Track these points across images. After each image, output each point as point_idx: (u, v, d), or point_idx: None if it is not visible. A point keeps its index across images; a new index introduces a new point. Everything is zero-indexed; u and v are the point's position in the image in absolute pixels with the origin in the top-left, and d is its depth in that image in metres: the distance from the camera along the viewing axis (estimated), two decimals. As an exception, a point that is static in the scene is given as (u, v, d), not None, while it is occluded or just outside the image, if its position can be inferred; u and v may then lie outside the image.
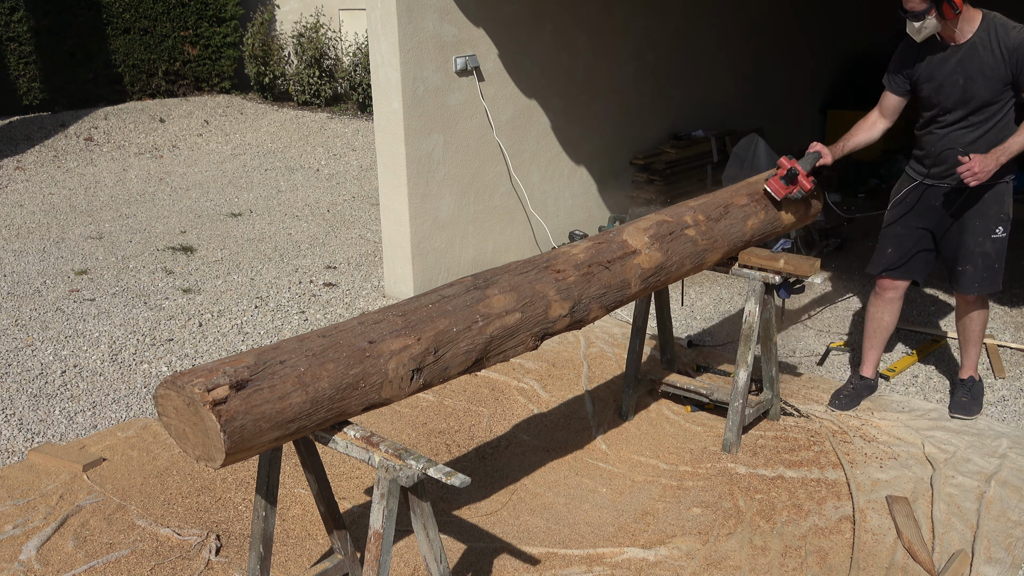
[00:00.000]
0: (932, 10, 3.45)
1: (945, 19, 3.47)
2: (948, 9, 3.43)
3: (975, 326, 3.97)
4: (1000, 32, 3.50)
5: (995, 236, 3.75)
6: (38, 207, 7.67)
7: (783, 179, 3.67)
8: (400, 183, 5.25)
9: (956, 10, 3.43)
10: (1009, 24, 3.51)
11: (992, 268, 3.80)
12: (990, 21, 3.54)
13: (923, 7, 3.45)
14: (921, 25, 3.52)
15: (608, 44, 6.41)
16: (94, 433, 3.96)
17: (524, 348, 2.80)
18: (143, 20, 11.30)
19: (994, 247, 3.78)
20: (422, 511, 2.36)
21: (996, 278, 3.82)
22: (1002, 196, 3.73)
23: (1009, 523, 3.22)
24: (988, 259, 3.78)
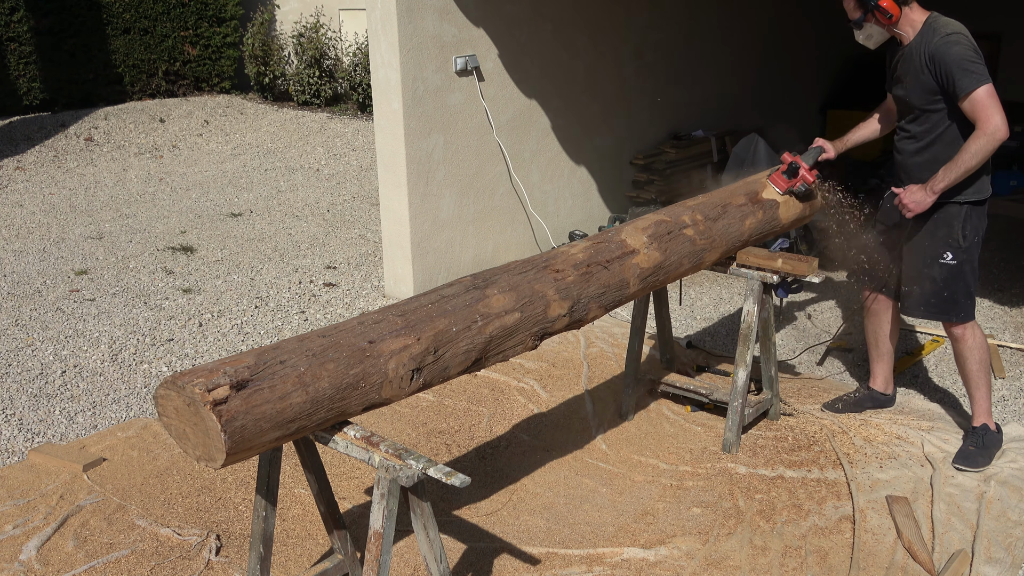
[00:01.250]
0: (869, 17, 3.39)
1: (882, 25, 3.39)
2: (880, 15, 3.35)
3: (969, 365, 3.62)
4: (927, 36, 3.32)
5: (942, 262, 3.50)
6: (38, 207, 7.67)
7: (785, 173, 3.72)
8: (400, 183, 5.25)
9: (888, 15, 3.32)
10: (940, 28, 3.31)
11: (940, 296, 3.54)
12: (928, 24, 3.36)
13: (858, 14, 3.39)
14: (865, 33, 3.46)
15: (608, 44, 6.41)
16: (94, 433, 3.96)
17: (523, 348, 2.80)
18: (143, 20, 11.31)
19: (941, 273, 3.52)
20: (422, 511, 2.36)
21: (947, 307, 3.55)
22: (951, 219, 3.47)
23: (1009, 523, 3.22)
24: (935, 285, 3.54)
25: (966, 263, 3.52)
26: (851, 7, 3.41)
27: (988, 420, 3.65)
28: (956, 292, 3.53)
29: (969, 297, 3.56)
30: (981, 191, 3.45)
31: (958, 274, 3.52)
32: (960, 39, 3.24)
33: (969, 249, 3.51)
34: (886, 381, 4.02)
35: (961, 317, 3.55)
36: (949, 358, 4.62)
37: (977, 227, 3.50)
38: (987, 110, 3.19)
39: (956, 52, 3.22)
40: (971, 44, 3.24)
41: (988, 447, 3.61)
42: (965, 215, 3.45)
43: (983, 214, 3.50)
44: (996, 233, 6.73)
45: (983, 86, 3.19)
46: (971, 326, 3.58)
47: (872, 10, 3.34)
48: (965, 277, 3.54)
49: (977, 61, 3.21)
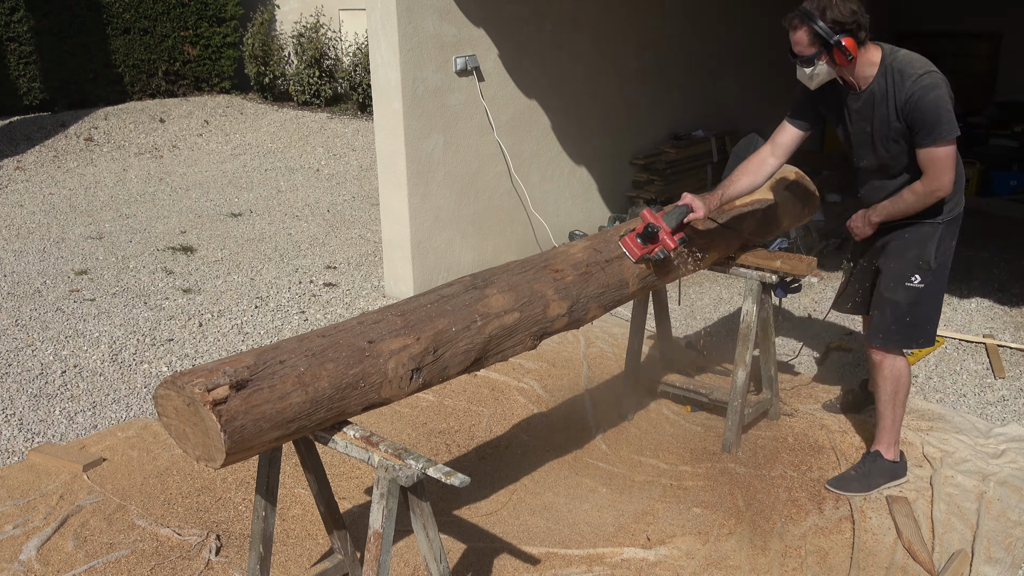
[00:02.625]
0: (823, 55, 3.04)
1: (838, 65, 3.06)
2: (839, 55, 3.01)
3: (880, 394, 3.41)
4: (896, 80, 3.04)
5: (909, 285, 3.26)
6: (38, 207, 7.67)
7: (640, 236, 3.12)
8: (400, 183, 5.25)
9: (849, 56, 3.00)
10: (907, 69, 3.03)
11: (902, 322, 3.30)
12: (888, 65, 3.06)
13: (812, 51, 3.04)
14: (812, 71, 3.10)
15: (608, 44, 6.41)
16: (94, 433, 3.96)
17: (523, 348, 2.80)
18: (143, 20, 11.30)
19: (907, 297, 3.27)
20: (422, 511, 2.36)
21: (908, 335, 3.31)
22: (924, 240, 3.23)
23: (1009, 523, 3.22)
24: (898, 310, 3.29)
25: (933, 286, 3.29)
26: (803, 42, 3.04)
27: (886, 450, 3.44)
28: (919, 317, 3.30)
29: (931, 323, 3.33)
30: (957, 207, 3.26)
31: (924, 298, 3.28)
32: (937, 80, 3.00)
33: (939, 272, 3.28)
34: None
35: (920, 343, 3.35)
36: (949, 358, 4.62)
37: (950, 247, 3.29)
38: (945, 168, 3.02)
39: (934, 98, 2.97)
40: (946, 85, 3.02)
41: (871, 475, 3.42)
42: (940, 235, 3.23)
43: (956, 232, 3.30)
44: (996, 233, 6.74)
45: (949, 145, 3.00)
46: (893, 357, 3.35)
47: (831, 48, 3.00)
48: (931, 300, 3.31)
49: (951, 111, 2.99)
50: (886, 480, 3.43)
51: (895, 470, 3.46)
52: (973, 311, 5.23)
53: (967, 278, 5.75)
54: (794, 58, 3.11)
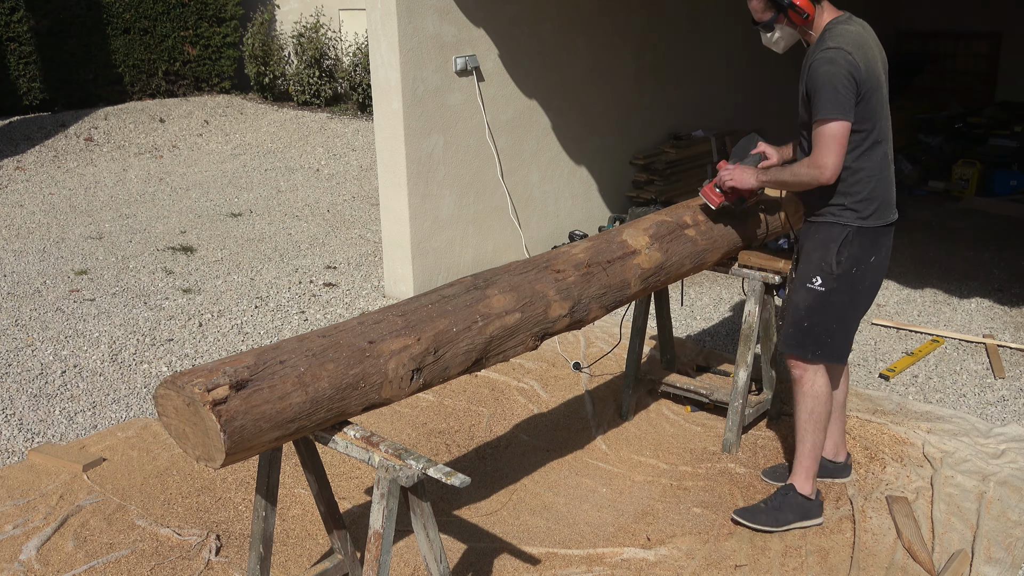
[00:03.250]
0: (781, 17, 3.02)
1: (796, 25, 3.03)
2: (795, 15, 2.98)
3: (799, 413, 3.20)
4: (816, 45, 2.97)
5: (809, 286, 3.09)
6: (38, 207, 7.67)
7: (717, 185, 3.28)
8: (400, 183, 5.25)
9: (804, 14, 2.96)
10: (827, 39, 2.93)
11: (799, 326, 3.13)
12: (826, 30, 2.98)
13: (769, 15, 3.03)
14: (774, 36, 3.09)
15: (608, 44, 6.41)
16: (94, 433, 3.96)
17: (524, 348, 2.80)
18: (143, 20, 11.30)
19: (806, 299, 3.10)
20: (422, 511, 2.36)
21: (804, 341, 3.12)
22: (829, 242, 3.05)
23: (1009, 523, 3.22)
24: (797, 312, 3.13)
25: (836, 294, 3.07)
26: (760, 7, 3.03)
27: (802, 484, 3.20)
28: (816, 324, 3.11)
29: (831, 335, 3.12)
30: (875, 216, 3.04)
31: (824, 304, 3.08)
32: (838, 58, 2.86)
33: (843, 279, 3.06)
34: (835, 447, 3.50)
35: (818, 355, 3.13)
36: (949, 358, 4.62)
37: (860, 257, 3.04)
38: (828, 147, 2.88)
39: (826, 72, 2.86)
40: (848, 67, 2.85)
41: (782, 510, 3.19)
42: (847, 238, 3.03)
43: (874, 245, 3.06)
44: (996, 233, 6.74)
45: (837, 121, 2.86)
46: (814, 370, 3.16)
47: (785, 9, 2.98)
48: (833, 310, 3.09)
49: (844, 90, 2.85)
50: (797, 519, 3.18)
51: (808, 509, 3.20)
52: (973, 311, 5.23)
53: (967, 278, 5.76)
54: (755, 26, 3.10)
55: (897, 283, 5.69)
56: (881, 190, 3.04)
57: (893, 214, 3.12)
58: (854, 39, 2.91)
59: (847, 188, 3.01)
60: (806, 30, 3.03)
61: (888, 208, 3.08)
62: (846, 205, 3.02)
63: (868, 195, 3.01)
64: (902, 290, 5.58)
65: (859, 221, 3.02)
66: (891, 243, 3.15)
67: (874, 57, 2.96)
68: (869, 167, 3.00)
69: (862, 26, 3.02)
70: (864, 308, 3.18)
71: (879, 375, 4.45)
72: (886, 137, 3.03)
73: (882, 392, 4.25)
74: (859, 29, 2.98)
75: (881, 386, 4.34)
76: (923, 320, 5.13)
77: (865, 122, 2.94)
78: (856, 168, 2.99)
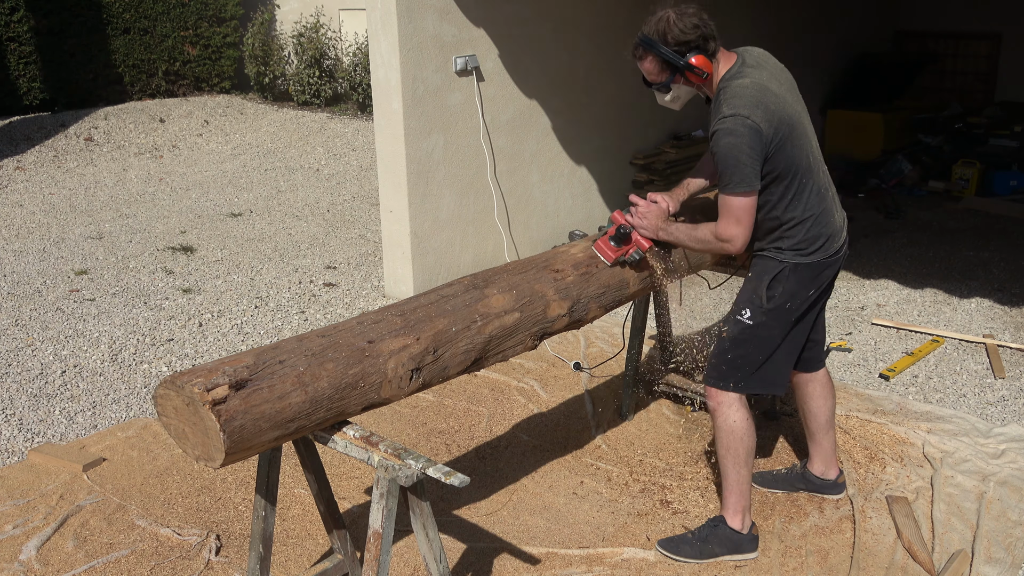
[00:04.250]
0: (678, 77, 2.84)
1: (692, 84, 2.87)
2: (693, 76, 2.82)
3: (717, 448, 3.05)
4: (715, 109, 2.80)
5: (738, 318, 2.96)
6: (38, 207, 7.67)
7: (613, 239, 3.02)
8: (400, 183, 5.25)
9: (702, 73, 2.80)
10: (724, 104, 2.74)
11: (723, 356, 2.99)
12: (721, 88, 2.81)
13: (665, 76, 2.86)
14: (672, 96, 2.93)
15: (608, 44, 6.41)
16: (94, 433, 3.96)
17: (523, 348, 2.80)
18: (143, 20, 11.30)
19: (733, 330, 2.97)
20: (421, 511, 2.36)
21: (723, 373, 2.97)
22: (762, 274, 2.93)
23: (1009, 523, 3.22)
24: (723, 342, 3.00)
25: (764, 328, 2.93)
26: (654, 70, 2.87)
27: (732, 517, 3.06)
28: (740, 357, 2.96)
29: (757, 368, 2.97)
30: (818, 252, 2.90)
31: (750, 338, 2.94)
32: (736, 127, 2.69)
33: (774, 313, 2.91)
34: (824, 464, 3.38)
35: (740, 387, 2.98)
36: (949, 358, 4.62)
37: (795, 292, 2.90)
38: (735, 220, 2.76)
39: (728, 145, 2.70)
40: (749, 135, 2.68)
41: (708, 542, 3.06)
42: (781, 273, 2.90)
43: (815, 279, 2.93)
44: (996, 233, 6.74)
45: (742, 196, 2.73)
46: (728, 403, 2.98)
47: (682, 71, 2.81)
48: (760, 344, 2.94)
49: (747, 160, 2.68)
50: (726, 552, 3.04)
51: (739, 543, 3.05)
52: (973, 311, 5.23)
53: (967, 278, 5.76)
54: (649, 86, 2.93)
55: (897, 283, 5.69)
56: (820, 227, 2.89)
57: (838, 243, 2.97)
58: (751, 96, 2.72)
59: (783, 234, 2.89)
60: (704, 87, 2.88)
61: (832, 240, 2.94)
62: (783, 247, 2.90)
63: (806, 236, 2.88)
64: (902, 290, 5.58)
65: (798, 258, 2.90)
66: (838, 270, 3.02)
67: (780, 99, 2.79)
68: (799, 213, 2.85)
69: (757, 66, 2.84)
70: (802, 340, 3.04)
71: (879, 375, 4.45)
72: (813, 170, 2.86)
73: (882, 392, 4.25)
74: (753, 78, 2.77)
75: (881, 386, 4.34)
76: (923, 320, 5.13)
77: (785, 172, 2.78)
78: (786, 218, 2.85)
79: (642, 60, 2.88)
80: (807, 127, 2.89)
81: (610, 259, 3.01)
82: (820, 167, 2.92)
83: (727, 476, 3.04)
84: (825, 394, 3.29)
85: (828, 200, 2.93)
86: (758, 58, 2.89)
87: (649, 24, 2.87)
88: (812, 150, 2.89)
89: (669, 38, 2.80)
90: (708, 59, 2.80)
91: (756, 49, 2.95)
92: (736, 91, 2.74)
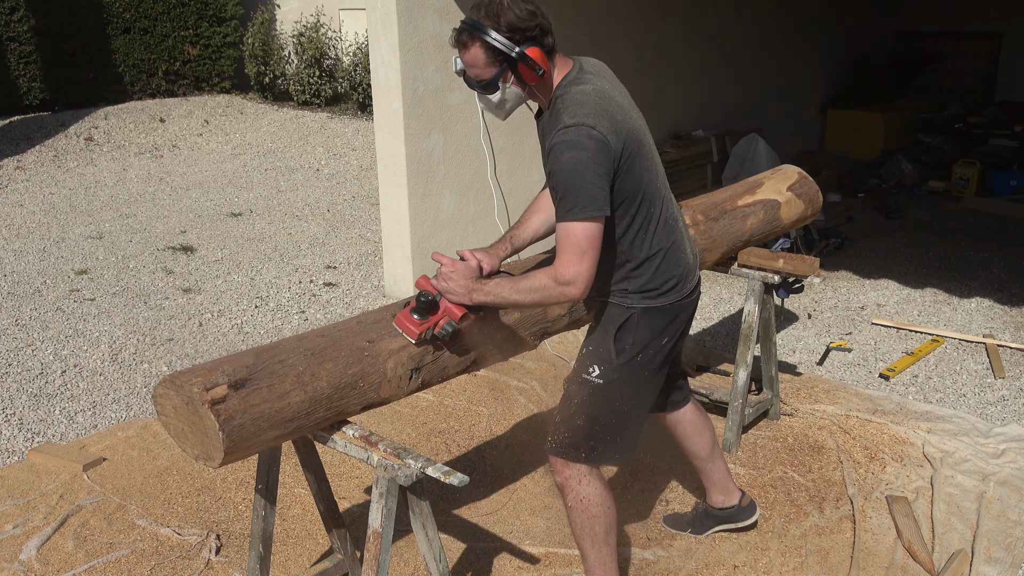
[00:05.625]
0: (508, 75, 2.32)
1: (527, 85, 2.35)
2: (527, 71, 2.30)
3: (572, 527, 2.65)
4: (552, 121, 2.31)
5: (585, 377, 2.52)
6: (38, 207, 7.67)
7: (416, 311, 2.38)
8: (400, 183, 5.25)
9: (539, 70, 2.30)
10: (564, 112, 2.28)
11: (571, 423, 2.53)
12: (558, 96, 2.34)
13: (493, 71, 2.31)
14: (499, 98, 2.38)
15: (608, 44, 6.41)
16: (94, 433, 3.96)
17: (524, 348, 2.80)
18: (143, 20, 11.30)
19: (580, 392, 2.52)
20: (421, 510, 2.36)
21: (574, 442, 2.52)
22: (608, 324, 2.51)
23: (1009, 523, 3.21)
24: (569, 406, 2.55)
25: (617, 386, 2.51)
26: (480, 62, 2.31)
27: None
28: (594, 424, 2.52)
29: (612, 433, 2.54)
30: (670, 292, 2.49)
31: (602, 400, 2.51)
32: (581, 139, 2.22)
33: (626, 368, 2.49)
34: (722, 492, 3.09)
35: (592, 457, 2.54)
36: (949, 358, 4.62)
37: (648, 341, 2.49)
38: (579, 255, 2.23)
39: (571, 160, 2.21)
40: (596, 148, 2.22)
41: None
42: (629, 321, 2.48)
43: (670, 323, 2.52)
44: (996, 233, 6.73)
45: (589, 222, 2.22)
46: (579, 476, 2.55)
47: (515, 63, 2.29)
48: (614, 404, 2.52)
49: (595, 179, 2.21)
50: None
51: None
52: (973, 311, 5.23)
53: (967, 278, 5.75)
54: (472, 85, 2.37)
55: (897, 283, 5.69)
56: (670, 265, 2.49)
57: (692, 283, 2.57)
58: (594, 103, 2.28)
59: (628, 274, 2.47)
60: (538, 91, 2.38)
61: (686, 279, 2.54)
62: (629, 290, 2.48)
63: (654, 276, 2.46)
64: (902, 290, 5.58)
65: (647, 302, 2.48)
66: (695, 309, 2.61)
67: (624, 110, 2.37)
68: (646, 249, 2.44)
69: (595, 74, 2.41)
70: (655, 391, 2.64)
71: (879, 375, 4.45)
72: (662, 197, 2.47)
73: (882, 392, 4.25)
74: (595, 85, 2.36)
75: (881, 386, 4.34)
76: (923, 320, 5.13)
77: (633, 197, 2.36)
78: (632, 255, 2.44)
79: (466, 48, 2.31)
80: (653, 147, 2.48)
81: (414, 335, 2.37)
82: (668, 194, 2.52)
83: (586, 558, 2.63)
84: (699, 430, 2.98)
85: (678, 233, 2.53)
86: (596, 66, 2.48)
87: (478, 7, 2.30)
88: (659, 173, 2.48)
89: (502, 22, 2.26)
90: (545, 55, 2.32)
91: (592, 58, 2.53)
92: (577, 98, 2.29)
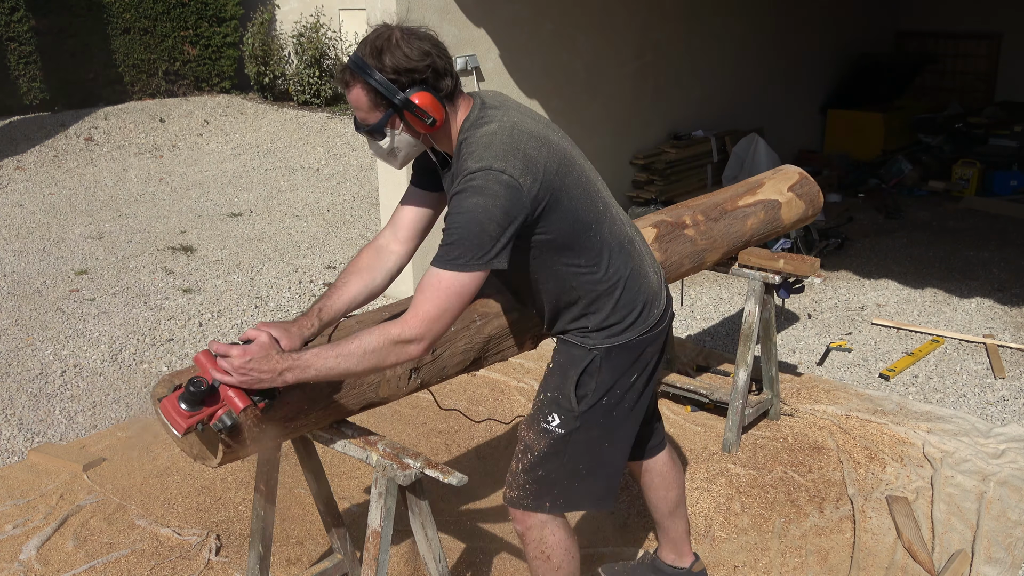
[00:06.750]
0: (395, 121, 2.06)
1: (419, 133, 2.09)
2: (416, 121, 2.05)
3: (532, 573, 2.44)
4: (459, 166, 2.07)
5: (544, 426, 2.31)
6: (38, 207, 7.67)
7: (184, 399, 1.91)
8: (400, 183, 5.25)
9: (428, 119, 2.03)
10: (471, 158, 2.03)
11: (531, 473, 2.33)
12: (463, 139, 2.10)
13: (378, 116, 2.05)
14: (389, 145, 2.10)
15: (608, 44, 6.41)
16: (94, 433, 3.96)
17: (523, 348, 2.79)
18: (143, 20, 11.30)
19: (539, 441, 2.33)
20: (420, 510, 2.35)
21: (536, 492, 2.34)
22: (567, 368, 2.28)
23: (1009, 523, 3.21)
24: (527, 455, 2.36)
25: (580, 433, 2.30)
26: (363, 104, 2.04)
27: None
28: (554, 473, 2.33)
29: (580, 480, 2.34)
30: (634, 325, 2.27)
31: (563, 450, 2.31)
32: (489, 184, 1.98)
33: (590, 415, 2.28)
34: (675, 551, 2.80)
35: (558, 506, 2.35)
36: (949, 358, 4.62)
37: (611, 384, 2.27)
38: (434, 304, 2.00)
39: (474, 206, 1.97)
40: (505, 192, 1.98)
41: None
42: (591, 365, 2.26)
43: (638, 359, 2.29)
44: (996, 233, 6.73)
45: (466, 272, 1.99)
46: (541, 525, 2.36)
47: (400, 110, 2.03)
48: (578, 451, 2.31)
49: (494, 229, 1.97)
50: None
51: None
52: (973, 311, 5.23)
53: (967, 278, 5.76)
54: (359, 129, 2.10)
55: (897, 283, 5.69)
56: (632, 294, 2.26)
57: (659, 309, 2.32)
58: (502, 143, 2.03)
59: (585, 310, 2.25)
60: (435, 139, 2.14)
61: (651, 308, 2.30)
62: (589, 328, 2.26)
63: (615, 308, 2.24)
64: (902, 290, 5.58)
65: (611, 340, 2.25)
66: (666, 339, 2.38)
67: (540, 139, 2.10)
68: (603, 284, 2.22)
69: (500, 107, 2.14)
70: (633, 429, 2.40)
71: (879, 375, 4.45)
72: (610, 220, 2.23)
73: (882, 392, 4.25)
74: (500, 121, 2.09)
75: (881, 386, 4.34)
76: (923, 320, 5.13)
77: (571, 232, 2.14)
78: (583, 294, 2.23)
79: (348, 88, 2.06)
80: (586, 167, 2.23)
81: (181, 428, 1.91)
82: (618, 213, 2.30)
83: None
84: (667, 485, 2.71)
85: (636, 255, 2.29)
86: (497, 97, 2.21)
87: (364, 43, 2.04)
88: (601, 194, 2.24)
89: (386, 63, 2.00)
90: (439, 101, 2.05)
91: (491, 90, 2.29)
92: (482, 140, 2.04)
